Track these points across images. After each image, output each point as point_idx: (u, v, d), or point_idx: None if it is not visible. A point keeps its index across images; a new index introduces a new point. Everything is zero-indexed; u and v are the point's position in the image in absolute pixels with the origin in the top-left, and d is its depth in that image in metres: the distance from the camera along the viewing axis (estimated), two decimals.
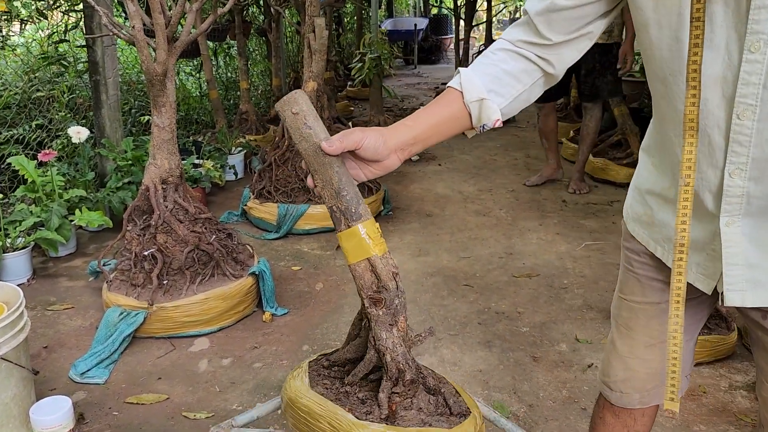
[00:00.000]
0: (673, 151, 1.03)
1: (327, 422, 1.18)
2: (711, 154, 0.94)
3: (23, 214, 3.17)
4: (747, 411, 2.16)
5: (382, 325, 1.16)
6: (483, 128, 1.12)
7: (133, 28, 2.45)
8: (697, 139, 0.93)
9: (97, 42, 3.89)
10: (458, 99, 1.10)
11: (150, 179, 2.67)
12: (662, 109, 1.02)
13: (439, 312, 2.86)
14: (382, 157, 1.07)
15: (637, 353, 1.28)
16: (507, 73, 1.10)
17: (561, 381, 2.33)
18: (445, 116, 1.11)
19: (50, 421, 1.92)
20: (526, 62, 1.11)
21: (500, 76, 1.10)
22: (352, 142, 1.05)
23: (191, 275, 2.67)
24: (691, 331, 1.24)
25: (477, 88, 1.08)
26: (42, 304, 2.91)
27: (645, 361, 1.28)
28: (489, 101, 1.08)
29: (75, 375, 2.36)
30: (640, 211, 1.19)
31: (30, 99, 4.36)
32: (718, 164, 0.94)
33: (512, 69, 1.10)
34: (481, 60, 1.14)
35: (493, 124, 1.10)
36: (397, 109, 7.89)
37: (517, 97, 1.12)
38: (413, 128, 1.09)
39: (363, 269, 1.14)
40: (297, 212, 3.70)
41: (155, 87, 2.56)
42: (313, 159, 1.09)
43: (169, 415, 2.17)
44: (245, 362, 2.48)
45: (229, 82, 6.94)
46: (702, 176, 0.97)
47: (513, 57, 1.11)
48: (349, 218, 1.11)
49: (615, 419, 1.38)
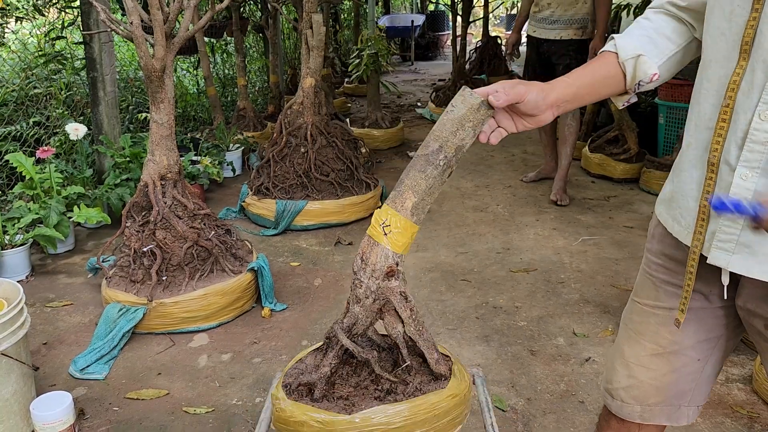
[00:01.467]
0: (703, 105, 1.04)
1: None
2: (749, 91, 0.95)
3: (21, 211, 3.18)
4: (743, 403, 2.18)
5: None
6: (638, 86, 1.14)
7: (131, 25, 2.45)
8: (747, 63, 0.94)
9: (94, 39, 3.88)
10: (613, 59, 1.13)
11: (149, 175, 2.68)
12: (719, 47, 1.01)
13: (437, 307, 2.87)
14: (540, 111, 1.10)
15: (643, 361, 1.24)
16: (659, 33, 1.13)
17: (558, 374, 2.35)
18: (601, 75, 1.14)
19: (51, 417, 1.94)
20: (676, 22, 1.13)
21: (653, 36, 1.13)
22: (516, 95, 1.07)
23: (190, 271, 2.68)
24: (703, 349, 1.19)
25: (632, 47, 1.11)
26: (41, 301, 2.92)
27: (650, 371, 1.24)
28: (645, 56, 1.11)
29: (75, 371, 2.37)
30: (666, 189, 1.18)
31: (27, 96, 4.35)
32: (752, 105, 0.94)
33: (664, 29, 1.13)
34: (633, 25, 1.17)
35: (650, 79, 1.12)
36: (394, 106, 7.89)
37: (671, 56, 1.13)
38: (572, 85, 1.12)
39: None
40: (295, 208, 3.70)
41: (153, 83, 2.56)
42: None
43: (169, 410, 2.18)
44: (245, 357, 2.49)
45: (226, 79, 6.93)
46: (735, 118, 0.97)
47: (663, 18, 1.14)
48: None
49: (620, 425, 1.34)
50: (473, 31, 11.64)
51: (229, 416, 2.14)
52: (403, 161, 5.36)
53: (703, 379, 1.22)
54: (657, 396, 1.24)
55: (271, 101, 6.31)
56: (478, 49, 8.83)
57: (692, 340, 1.18)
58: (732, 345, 1.22)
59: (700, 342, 1.18)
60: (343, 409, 1.23)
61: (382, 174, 4.82)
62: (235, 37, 5.72)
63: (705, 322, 1.16)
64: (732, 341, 1.21)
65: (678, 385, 1.22)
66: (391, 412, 1.23)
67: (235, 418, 2.14)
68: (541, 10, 4.14)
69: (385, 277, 1.22)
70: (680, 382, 1.22)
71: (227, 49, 7.04)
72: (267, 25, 6.24)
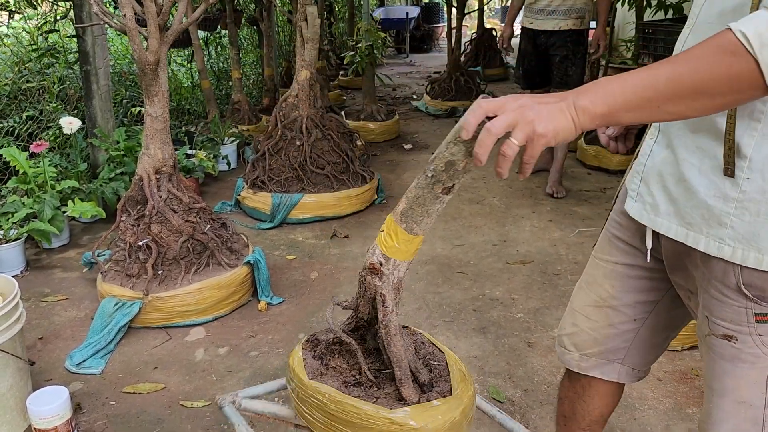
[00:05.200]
0: None
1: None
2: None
3: (16, 205, 3.16)
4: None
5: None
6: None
7: (125, 17, 2.43)
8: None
9: (87, 32, 3.85)
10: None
11: (143, 169, 2.66)
12: None
13: (434, 299, 2.87)
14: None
15: (586, 311, 1.34)
16: None
17: (555, 366, 2.35)
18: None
19: (48, 411, 1.93)
20: None
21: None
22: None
23: (186, 265, 2.67)
24: (639, 310, 1.27)
25: None
26: (36, 296, 2.91)
27: (590, 321, 1.33)
28: None
29: (71, 365, 2.36)
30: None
31: (20, 90, 4.32)
32: None
33: None
34: None
35: None
36: (389, 98, 7.88)
37: None
38: None
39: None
40: (291, 201, 3.69)
41: (147, 76, 2.55)
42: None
43: (166, 404, 2.18)
44: (241, 351, 2.49)
45: (220, 72, 6.90)
46: None
47: None
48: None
49: (569, 384, 1.45)
50: (468, 23, 11.60)
51: None
52: (398, 154, 5.35)
53: (638, 341, 1.31)
54: (593, 347, 1.34)
55: (265, 94, 6.29)
56: (473, 41, 8.81)
57: (630, 299, 1.27)
58: (672, 319, 1.29)
59: (638, 303, 1.27)
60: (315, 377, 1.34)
61: (378, 167, 4.81)
62: (229, 30, 5.69)
63: (643, 283, 1.25)
64: (671, 314, 1.28)
65: (613, 340, 1.31)
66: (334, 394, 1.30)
67: None
68: (537, 0, 4.12)
69: (369, 272, 1.24)
70: (615, 339, 1.31)
71: (221, 42, 7.00)
72: (261, 18, 6.21)
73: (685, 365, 2.35)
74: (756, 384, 1.08)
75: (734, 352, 1.07)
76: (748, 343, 1.06)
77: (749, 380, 1.08)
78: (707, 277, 1.07)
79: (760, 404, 1.09)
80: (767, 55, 0.81)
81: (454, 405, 1.31)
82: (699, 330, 1.14)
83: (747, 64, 0.82)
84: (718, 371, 1.10)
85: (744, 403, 1.10)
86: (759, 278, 1.01)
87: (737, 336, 1.06)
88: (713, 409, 1.14)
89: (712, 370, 1.12)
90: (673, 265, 1.16)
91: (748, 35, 0.81)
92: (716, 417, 1.13)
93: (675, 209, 1.08)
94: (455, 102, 6.64)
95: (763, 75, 0.82)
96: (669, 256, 1.16)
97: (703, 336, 1.13)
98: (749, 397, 1.09)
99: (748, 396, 1.09)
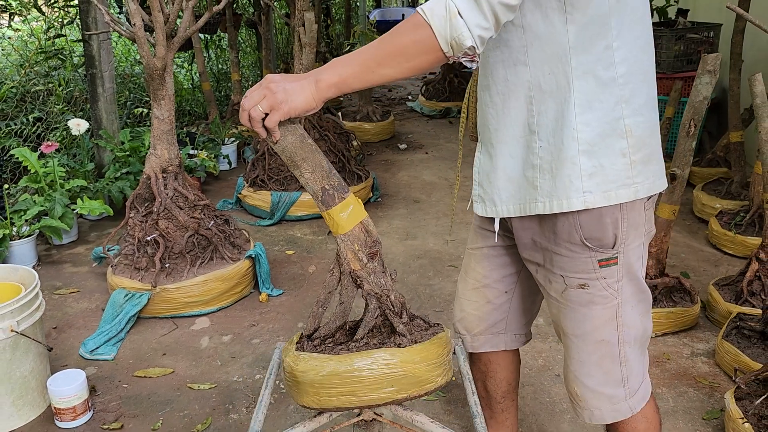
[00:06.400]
0: None
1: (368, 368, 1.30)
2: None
3: (27, 203, 3.31)
4: (705, 375, 2.37)
5: (379, 274, 1.34)
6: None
7: (134, 26, 2.59)
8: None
9: (92, 36, 4.01)
10: None
11: (151, 168, 2.82)
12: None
13: (426, 291, 3.04)
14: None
15: (468, 294, 1.57)
16: None
17: (537, 351, 2.52)
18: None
19: (67, 392, 2.10)
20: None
21: None
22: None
23: (191, 259, 2.83)
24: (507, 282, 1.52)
25: None
26: (48, 289, 3.07)
27: (472, 303, 1.56)
28: None
29: (85, 352, 2.53)
30: None
31: (27, 92, 4.47)
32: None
33: None
34: None
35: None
36: (385, 99, 8.03)
37: None
38: None
39: (358, 231, 1.31)
40: (290, 199, 3.86)
41: (155, 81, 2.71)
42: (301, 149, 1.25)
43: (174, 386, 2.34)
44: (244, 338, 2.65)
45: (220, 74, 7.05)
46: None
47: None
48: (341, 192, 1.29)
49: (474, 367, 1.66)
50: None
51: (231, 391, 2.31)
52: (393, 154, 5.51)
53: (513, 310, 1.56)
54: (479, 325, 1.57)
55: None
56: None
57: (497, 275, 1.52)
58: (533, 286, 1.52)
59: (504, 277, 1.52)
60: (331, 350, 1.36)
61: (373, 166, 4.97)
62: (229, 33, 5.84)
63: (504, 259, 1.50)
64: (530, 281, 1.50)
65: (493, 314, 1.55)
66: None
67: (236, 393, 2.30)
68: None
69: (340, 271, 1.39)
70: (494, 312, 1.55)
71: (221, 45, 7.15)
72: (260, 21, 6.36)
73: (658, 350, 2.52)
74: (609, 322, 1.33)
75: (588, 297, 1.31)
76: (597, 287, 1.31)
77: (603, 320, 1.33)
78: (557, 241, 1.30)
79: (615, 341, 1.34)
80: (437, 22, 1.08)
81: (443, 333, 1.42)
82: (554, 292, 1.37)
83: (426, 31, 1.09)
84: (579, 318, 1.34)
85: (602, 342, 1.34)
86: (594, 231, 1.26)
87: (588, 283, 1.30)
88: (578, 353, 1.37)
89: (572, 319, 1.35)
90: (524, 243, 1.38)
91: (425, 9, 1.10)
92: (581, 360, 1.37)
93: (507, 195, 1.33)
94: (449, 103, 6.80)
95: (436, 38, 1.09)
96: (520, 236, 1.38)
97: (559, 294, 1.36)
98: (606, 335, 1.34)
99: (605, 334, 1.34)
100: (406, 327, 1.37)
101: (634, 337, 1.36)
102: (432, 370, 1.33)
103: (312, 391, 1.30)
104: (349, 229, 1.30)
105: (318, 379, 1.29)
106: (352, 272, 1.35)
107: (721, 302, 2.61)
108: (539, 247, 1.35)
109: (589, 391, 1.38)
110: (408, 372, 1.30)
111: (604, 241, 1.27)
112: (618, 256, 1.29)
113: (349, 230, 1.30)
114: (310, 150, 1.26)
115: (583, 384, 1.39)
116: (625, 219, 1.27)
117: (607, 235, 1.27)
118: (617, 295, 1.31)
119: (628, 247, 1.29)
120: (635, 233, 1.30)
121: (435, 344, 1.35)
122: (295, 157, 1.26)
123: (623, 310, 1.32)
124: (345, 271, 1.36)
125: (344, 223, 1.29)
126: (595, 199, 1.23)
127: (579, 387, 1.40)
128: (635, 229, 1.29)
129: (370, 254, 1.33)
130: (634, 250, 1.31)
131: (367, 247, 1.33)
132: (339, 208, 1.29)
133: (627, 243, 1.29)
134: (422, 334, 1.38)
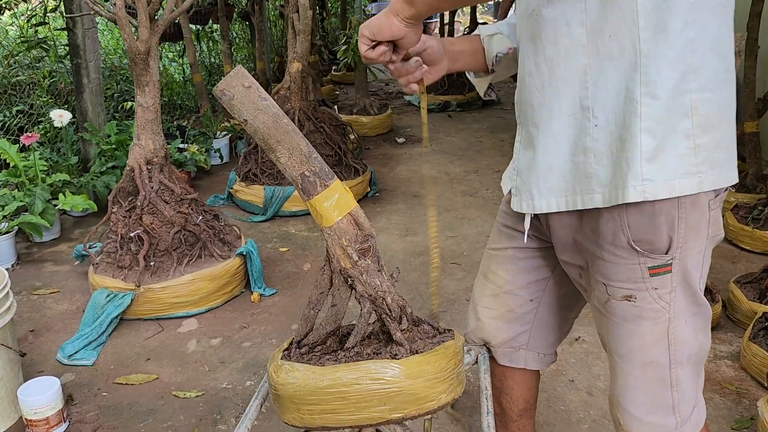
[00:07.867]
0: None
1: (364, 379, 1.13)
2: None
3: (6, 198, 3.14)
4: (731, 379, 2.20)
5: (374, 273, 1.15)
6: (496, 60, 1.32)
7: (115, 6, 2.41)
8: None
9: (77, 25, 3.82)
10: (478, 38, 1.35)
11: (135, 160, 2.65)
12: None
13: (427, 290, 2.87)
14: (441, 58, 1.26)
15: (486, 302, 1.38)
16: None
17: None
18: (469, 48, 1.34)
19: (39, 402, 1.92)
20: None
21: (512, 22, 1.29)
22: (424, 45, 1.22)
23: (178, 256, 2.66)
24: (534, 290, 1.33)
25: (491, 29, 1.34)
26: (27, 289, 2.89)
27: (490, 311, 1.37)
28: (501, 35, 1.31)
29: (63, 357, 2.35)
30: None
31: (10, 84, 4.29)
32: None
33: None
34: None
35: (507, 51, 1.30)
36: (382, 93, 7.87)
37: None
38: (454, 44, 1.32)
39: (347, 224, 1.13)
40: (284, 194, 3.68)
41: (138, 66, 2.53)
42: (275, 130, 1.08)
43: (158, 394, 2.17)
44: (234, 342, 2.48)
45: (212, 67, 6.88)
46: None
47: None
48: (324, 178, 1.11)
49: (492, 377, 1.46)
50: (461, 18, 11.59)
51: (219, 399, 2.14)
52: (391, 147, 5.35)
53: (538, 323, 1.36)
54: (496, 337, 1.38)
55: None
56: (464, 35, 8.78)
57: (522, 281, 1.33)
58: (564, 298, 1.35)
59: (530, 283, 1.33)
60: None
61: (371, 160, 4.81)
62: (221, 24, 5.67)
63: (531, 262, 1.31)
64: (562, 291, 1.34)
65: (514, 325, 1.36)
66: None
67: (225, 401, 2.13)
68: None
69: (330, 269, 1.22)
70: (516, 323, 1.36)
71: (213, 36, 6.97)
72: (253, 12, 6.18)
73: None
74: (660, 340, 1.12)
75: (636, 311, 1.11)
76: (647, 299, 1.10)
77: (653, 337, 1.12)
78: (599, 244, 1.10)
79: (665, 362, 1.14)
80: None
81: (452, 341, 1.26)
82: (597, 301, 1.17)
83: None
84: (624, 334, 1.14)
85: (651, 363, 1.14)
86: (645, 232, 1.06)
87: (635, 294, 1.11)
88: (623, 376, 1.18)
89: (617, 335, 1.16)
90: (562, 244, 1.19)
91: None
92: (626, 384, 1.17)
93: (547, 187, 1.13)
94: (448, 96, 6.63)
95: None
96: (558, 235, 1.19)
97: (602, 305, 1.16)
98: (656, 355, 1.13)
99: (654, 355, 1.13)
100: (406, 334, 1.18)
101: (687, 357, 1.15)
102: (433, 386, 1.12)
103: (293, 407, 1.12)
104: (335, 221, 1.12)
105: (299, 394, 1.10)
106: (342, 271, 1.17)
107: (744, 301, 2.45)
108: (582, 248, 1.16)
109: (634, 421, 1.18)
110: (403, 388, 1.10)
111: (657, 244, 1.06)
112: (672, 263, 1.08)
113: (335, 222, 1.12)
114: (285, 131, 1.08)
115: (628, 412, 1.19)
116: (684, 219, 1.06)
117: (660, 237, 1.06)
118: (669, 308, 1.11)
119: (686, 252, 1.08)
120: (695, 237, 1.08)
121: (438, 355, 1.15)
122: (269, 140, 1.08)
123: (675, 324, 1.12)
124: (335, 270, 1.18)
125: (329, 214, 1.12)
126: (657, 189, 1.02)
127: (623, 415, 1.20)
128: (695, 233, 1.08)
129: (362, 250, 1.15)
130: (693, 257, 1.09)
131: (357, 242, 1.14)
132: (322, 197, 1.11)
133: (685, 248, 1.07)
134: (426, 342, 1.18)
